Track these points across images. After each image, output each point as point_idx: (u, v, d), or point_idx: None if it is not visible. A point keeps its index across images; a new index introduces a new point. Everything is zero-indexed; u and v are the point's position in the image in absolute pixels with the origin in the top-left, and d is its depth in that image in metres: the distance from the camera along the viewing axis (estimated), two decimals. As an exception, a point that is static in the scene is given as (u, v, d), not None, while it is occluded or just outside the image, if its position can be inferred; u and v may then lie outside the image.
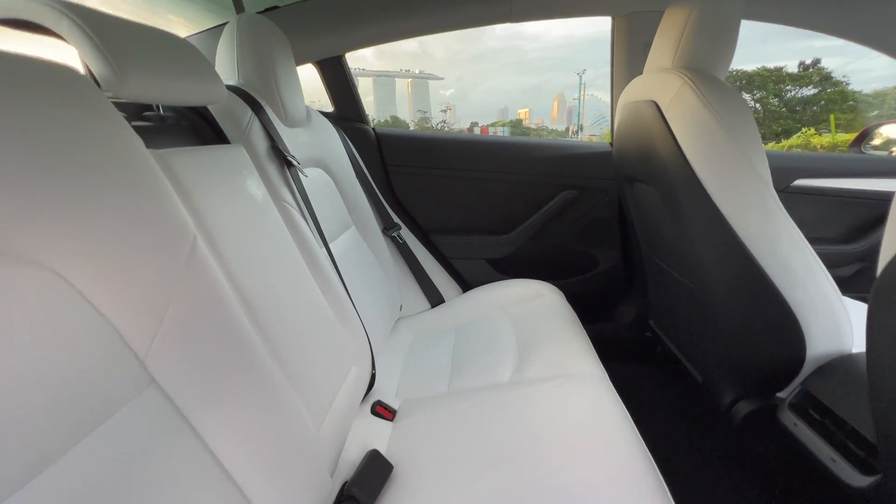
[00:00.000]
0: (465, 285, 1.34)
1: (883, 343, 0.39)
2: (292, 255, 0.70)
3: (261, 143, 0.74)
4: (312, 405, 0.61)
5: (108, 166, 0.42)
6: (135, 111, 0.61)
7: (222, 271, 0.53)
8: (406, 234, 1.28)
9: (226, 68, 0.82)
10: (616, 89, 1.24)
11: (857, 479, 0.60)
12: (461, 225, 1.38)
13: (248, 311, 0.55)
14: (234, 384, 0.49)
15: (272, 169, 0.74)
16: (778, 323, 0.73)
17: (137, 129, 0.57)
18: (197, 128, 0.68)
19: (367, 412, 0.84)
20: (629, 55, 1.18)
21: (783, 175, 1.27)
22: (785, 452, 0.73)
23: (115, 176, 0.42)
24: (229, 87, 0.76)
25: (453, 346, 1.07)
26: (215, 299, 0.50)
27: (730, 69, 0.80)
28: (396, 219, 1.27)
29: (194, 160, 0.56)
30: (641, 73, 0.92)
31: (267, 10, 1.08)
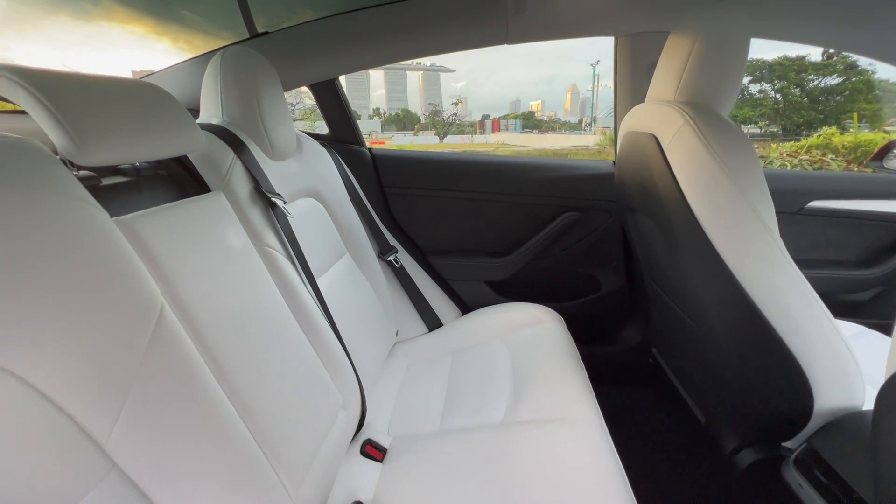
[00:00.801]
0: (465, 307, 1.31)
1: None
2: (274, 305, 0.68)
3: (243, 186, 0.72)
4: (290, 468, 0.59)
5: (64, 249, 0.40)
6: (109, 168, 0.59)
7: (193, 338, 0.52)
8: (403, 257, 1.26)
9: (210, 105, 0.80)
10: (619, 110, 1.19)
11: None
12: (460, 246, 1.36)
13: (222, 377, 0.54)
14: (204, 460, 0.48)
15: (255, 212, 0.73)
16: (782, 373, 0.69)
17: (108, 189, 0.56)
18: (176, 177, 0.67)
19: (356, 453, 0.83)
20: (632, 76, 1.13)
21: (798, 197, 1.21)
22: None
23: (72, 260, 0.41)
24: (211, 128, 0.75)
25: (448, 376, 1.05)
26: (184, 370, 0.48)
27: (750, 58, 0.75)
28: (393, 241, 1.25)
29: (165, 219, 0.55)
30: (644, 94, 0.88)
31: (258, 35, 1.06)
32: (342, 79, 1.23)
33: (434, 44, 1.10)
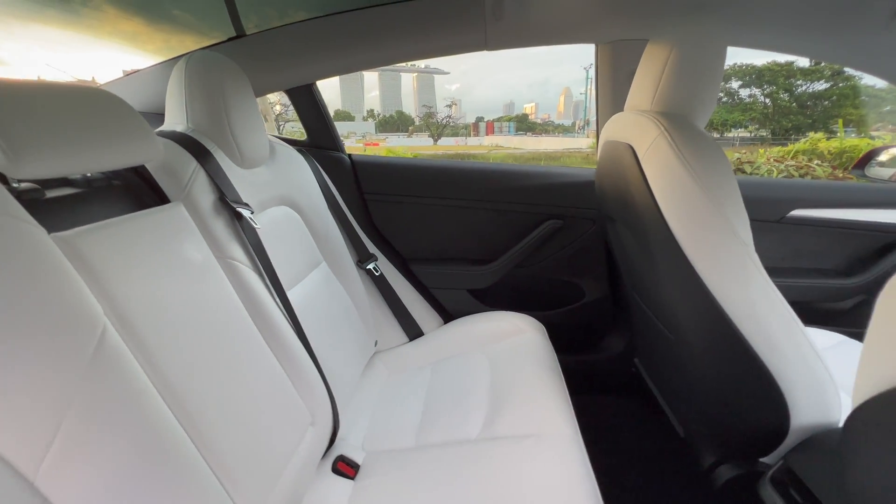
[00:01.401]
0: (447, 316, 1.29)
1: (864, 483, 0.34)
2: (236, 321, 0.66)
3: (206, 196, 0.69)
4: (250, 494, 0.57)
5: None
6: (57, 179, 0.56)
7: (141, 359, 0.49)
8: (384, 265, 1.24)
9: (175, 112, 0.77)
10: (601, 117, 1.18)
11: None
12: (442, 254, 1.34)
13: (173, 400, 0.51)
14: (151, 491, 0.46)
15: (219, 224, 0.70)
16: (758, 389, 0.68)
17: (53, 203, 0.53)
18: (132, 188, 0.64)
19: (327, 470, 0.80)
20: (613, 83, 1.12)
21: (780, 206, 1.21)
22: None
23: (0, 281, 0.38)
24: (173, 135, 0.72)
25: (427, 389, 1.03)
26: (128, 395, 0.46)
27: (739, 63, 0.74)
28: (373, 249, 1.23)
29: (112, 234, 0.52)
30: (625, 102, 0.87)
31: (230, 39, 1.03)
32: (337, 79, 1.21)
33: (412, 49, 1.09)
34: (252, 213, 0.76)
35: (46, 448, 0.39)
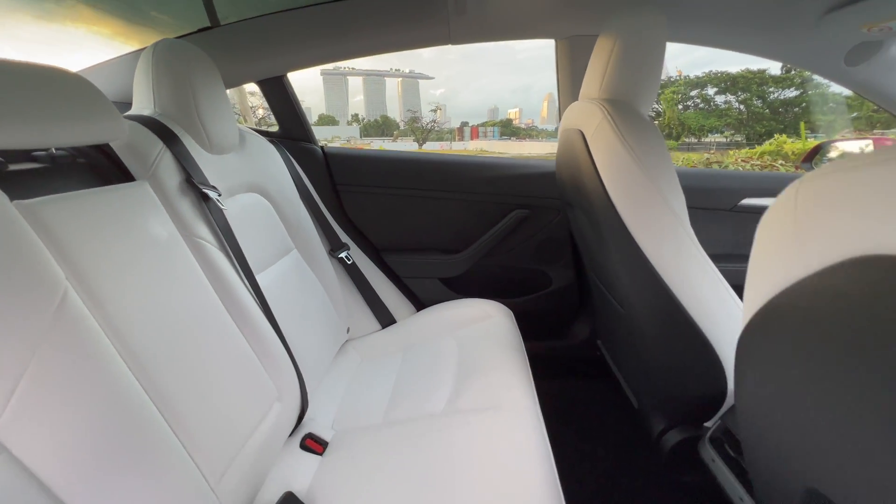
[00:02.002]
0: (419, 304, 1.32)
1: (748, 397, 0.38)
2: (200, 295, 0.68)
3: (172, 177, 0.71)
4: (212, 457, 0.59)
5: None
6: (21, 153, 0.58)
7: (104, 325, 0.51)
8: (357, 254, 1.27)
9: (142, 97, 0.79)
10: (562, 110, 1.23)
11: None
12: (414, 244, 1.37)
13: (135, 363, 0.53)
14: (109, 446, 0.47)
15: (185, 204, 0.72)
16: (698, 356, 0.73)
17: (16, 175, 0.55)
18: (97, 166, 0.66)
19: (295, 447, 0.82)
20: (572, 77, 1.17)
21: (732, 195, 1.28)
22: (708, 486, 0.73)
23: None
24: (140, 118, 0.74)
25: (398, 371, 1.06)
26: (88, 356, 0.48)
27: (715, 70, 0.80)
28: (346, 238, 1.25)
29: (76, 205, 0.54)
30: None
31: (200, 30, 1.05)
32: (321, 83, 1.24)
33: (379, 42, 1.12)
34: (220, 195, 0.78)
35: (8, 395, 0.41)
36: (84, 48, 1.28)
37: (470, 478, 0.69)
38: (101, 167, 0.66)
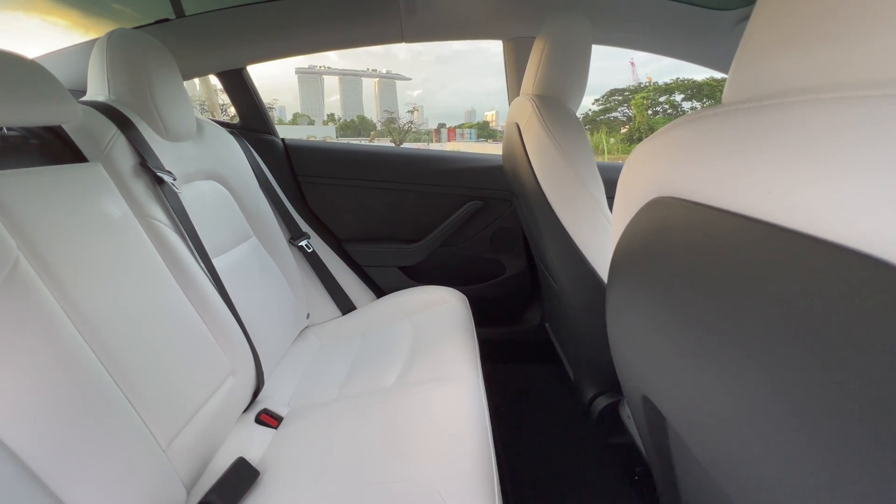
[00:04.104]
0: (380, 292, 1.38)
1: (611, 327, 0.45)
2: (155, 273, 0.71)
3: (126, 160, 0.75)
4: (163, 420, 0.63)
5: None
6: None
7: (55, 293, 0.55)
8: (317, 243, 1.31)
9: (97, 84, 0.82)
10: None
11: None
12: (374, 234, 1.42)
13: (89, 331, 0.56)
14: (61, 404, 0.51)
15: (139, 186, 0.75)
16: None
17: (-33, 152, 0.58)
18: (49, 147, 0.68)
19: (250, 421, 0.86)
20: (517, 76, 1.26)
21: None
22: (632, 445, 0.81)
23: None
24: (93, 104, 0.77)
25: (356, 352, 1.11)
26: (39, 320, 0.51)
27: (682, 78, 0.88)
28: (306, 227, 1.29)
29: (27, 181, 0.57)
30: None
31: (157, 21, 1.08)
32: (296, 82, 1.28)
33: (334, 39, 1.18)
34: (175, 180, 0.82)
35: None
36: (39, 38, 1.26)
37: (412, 443, 0.74)
38: (54, 148, 0.69)
